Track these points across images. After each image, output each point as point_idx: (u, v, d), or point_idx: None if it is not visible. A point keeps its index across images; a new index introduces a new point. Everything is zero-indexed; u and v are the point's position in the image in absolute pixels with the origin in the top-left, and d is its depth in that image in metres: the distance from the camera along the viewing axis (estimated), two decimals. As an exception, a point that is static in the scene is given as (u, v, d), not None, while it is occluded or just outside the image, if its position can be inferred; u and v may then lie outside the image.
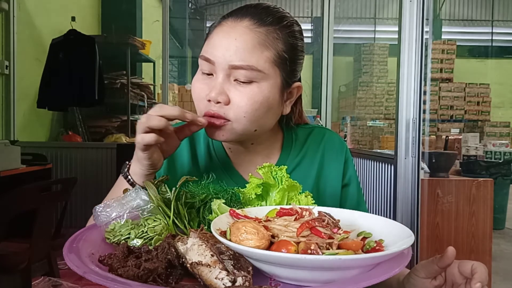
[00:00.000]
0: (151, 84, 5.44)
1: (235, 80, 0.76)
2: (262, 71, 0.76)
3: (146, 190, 0.71)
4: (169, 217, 0.68)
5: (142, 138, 0.70)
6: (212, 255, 0.53)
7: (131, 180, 0.76)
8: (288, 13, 0.83)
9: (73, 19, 3.95)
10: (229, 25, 0.77)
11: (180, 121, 0.88)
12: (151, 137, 0.70)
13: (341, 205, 0.91)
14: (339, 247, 0.56)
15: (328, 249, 0.55)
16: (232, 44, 0.75)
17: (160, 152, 0.76)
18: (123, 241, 0.63)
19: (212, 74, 0.78)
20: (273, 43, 0.77)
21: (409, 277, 0.69)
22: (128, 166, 0.78)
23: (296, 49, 0.81)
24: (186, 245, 0.57)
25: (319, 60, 3.95)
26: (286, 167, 0.76)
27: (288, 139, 0.92)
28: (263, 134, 0.85)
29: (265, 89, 0.77)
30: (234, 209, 0.68)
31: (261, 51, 0.76)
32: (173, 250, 0.57)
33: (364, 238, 0.60)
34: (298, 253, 0.54)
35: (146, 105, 5.09)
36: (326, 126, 3.81)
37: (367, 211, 0.94)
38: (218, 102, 0.76)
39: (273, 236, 0.58)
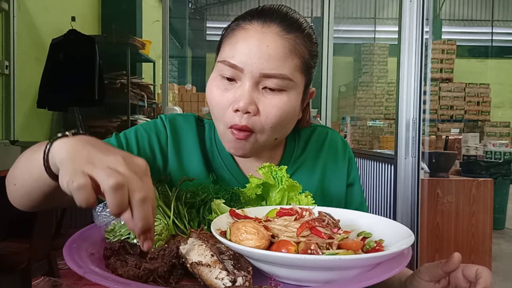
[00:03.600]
0: (151, 84, 5.44)
1: (264, 88, 0.73)
2: (292, 80, 0.73)
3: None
4: (169, 217, 0.68)
5: (115, 204, 0.46)
6: (212, 255, 0.53)
7: (46, 165, 0.53)
8: (302, 16, 0.81)
9: (73, 19, 3.94)
10: (257, 30, 0.73)
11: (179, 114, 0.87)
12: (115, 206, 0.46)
13: (346, 205, 0.91)
14: (339, 247, 0.56)
15: (328, 249, 0.55)
16: (264, 51, 0.71)
17: None
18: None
19: (234, 80, 0.73)
20: (300, 51, 0.75)
21: (412, 279, 0.69)
22: (49, 145, 0.53)
23: (316, 55, 0.80)
24: (186, 245, 0.57)
25: (319, 60, 3.95)
26: (286, 167, 0.76)
27: (291, 140, 0.91)
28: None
29: (293, 98, 0.75)
30: (234, 209, 0.68)
31: (291, 59, 0.73)
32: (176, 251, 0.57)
33: (364, 238, 0.60)
34: (298, 253, 0.54)
35: (146, 105, 5.08)
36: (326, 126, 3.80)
37: (368, 211, 0.94)
38: (247, 112, 0.72)
39: (273, 236, 0.58)
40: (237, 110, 0.72)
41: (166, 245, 0.59)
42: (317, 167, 0.89)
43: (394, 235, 0.61)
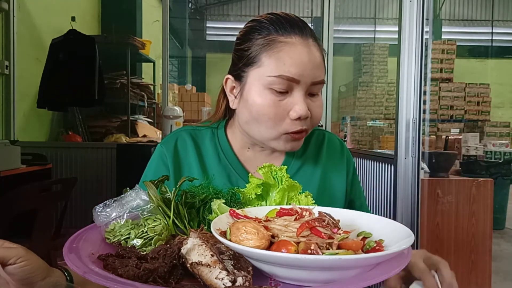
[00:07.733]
0: (151, 84, 5.44)
1: (309, 94, 0.82)
2: (324, 83, 0.84)
3: (146, 190, 0.71)
4: (169, 217, 0.68)
5: None
6: (212, 255, 0.53)
7: None
8: None
9: (73, 19, 3.94)
10: (301, 43, 0.80)
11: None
12: None
13: (352, 200, 0.97)
14: (339, 247, 0.56)
15: (328, 249, 0.55)
16: (314, 62, 0.80)
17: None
18: (123, 241, 0.63)
19: (286, 92, 0.80)
20: (324, 57, 0.85)
21: None
22: None
23: None
24: (186, 245, 0.57)
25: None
26: (286, 167, 0.76)
27: None
28: None
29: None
30: (234, 209, 0.68)
31: (324, 66, 0.84)
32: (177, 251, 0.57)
33: (364, 238, 0.60)
34: (298, 253, 0.54)
35: (146, 105, 5.08)
36: (326, 126, 3.81)
37: (365, 201, 1.00)
38: (306, 118, 0.80)
39: (273, 236, 0.58)
40: (298, 118, 0.79)
41: (168, 245, 0.59)
42: (317, 169, 0.93)
43: (394, 235, 0.61)
